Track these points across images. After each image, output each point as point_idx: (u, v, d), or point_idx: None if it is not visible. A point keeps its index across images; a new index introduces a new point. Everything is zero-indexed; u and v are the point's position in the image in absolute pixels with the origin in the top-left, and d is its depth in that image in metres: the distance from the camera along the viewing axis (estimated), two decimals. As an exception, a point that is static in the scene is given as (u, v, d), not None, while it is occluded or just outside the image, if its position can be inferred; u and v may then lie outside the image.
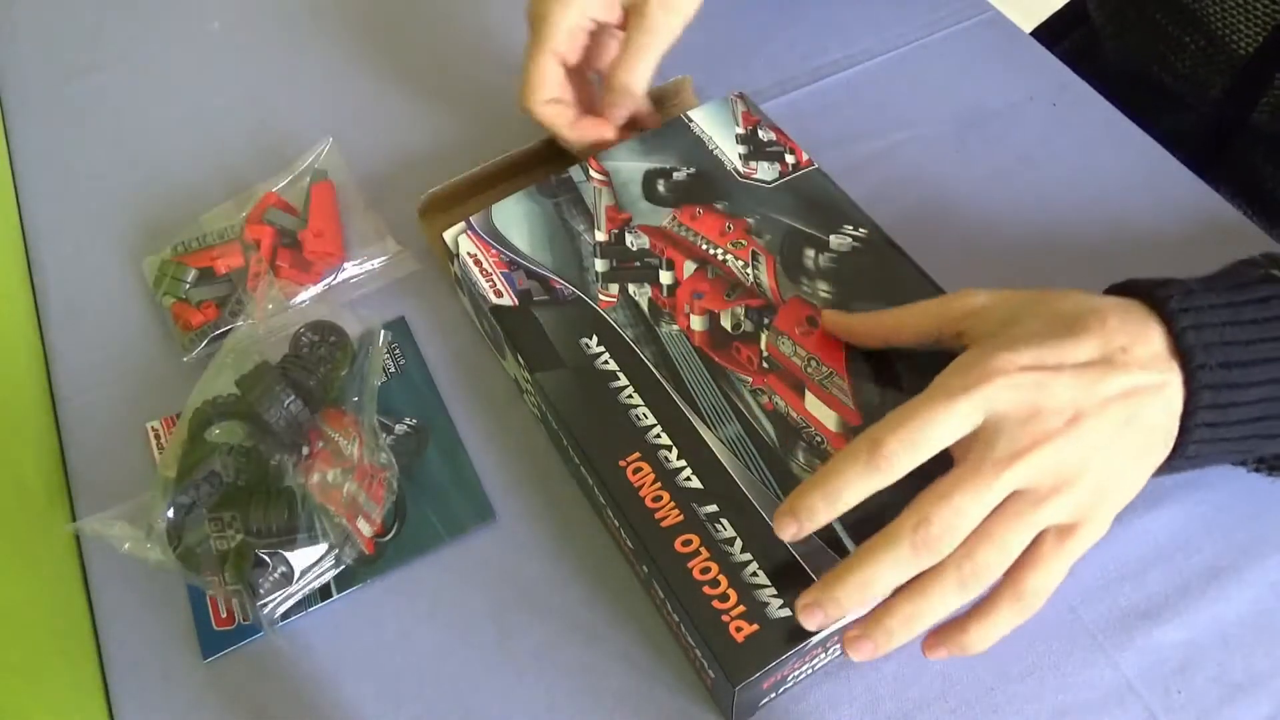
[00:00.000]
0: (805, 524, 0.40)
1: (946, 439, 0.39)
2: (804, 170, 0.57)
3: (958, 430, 0.39)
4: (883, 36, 0.72)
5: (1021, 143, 0.65)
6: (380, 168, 0.68)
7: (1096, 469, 0.39)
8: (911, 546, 0.38)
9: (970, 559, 0.38)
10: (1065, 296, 0.43)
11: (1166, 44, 0.66)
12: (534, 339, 0.51)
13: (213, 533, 0.49)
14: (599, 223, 0.56)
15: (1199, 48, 0.64)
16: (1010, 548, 0.39)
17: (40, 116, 0.75)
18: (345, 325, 0.57)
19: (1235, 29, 0.61)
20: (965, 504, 0.38)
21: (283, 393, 0.52)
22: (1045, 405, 0.39)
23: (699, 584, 0.43)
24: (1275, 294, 0.42)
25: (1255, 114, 0.64)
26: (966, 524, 0.38)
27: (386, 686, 0.48)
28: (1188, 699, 0.45)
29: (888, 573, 0.38)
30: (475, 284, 0.54)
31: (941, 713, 0.46)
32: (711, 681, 0.44)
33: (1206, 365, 0.40)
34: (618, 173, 0.57)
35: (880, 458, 0.38)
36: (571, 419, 0.49)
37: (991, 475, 0.38)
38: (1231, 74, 0.64)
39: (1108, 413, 0.39)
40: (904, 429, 0.38)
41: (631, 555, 0.48)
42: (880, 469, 0.38)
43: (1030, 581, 0.39)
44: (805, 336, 0.50)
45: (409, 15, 0.78)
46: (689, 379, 0.49)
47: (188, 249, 0.62)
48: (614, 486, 0.46)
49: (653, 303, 0.52)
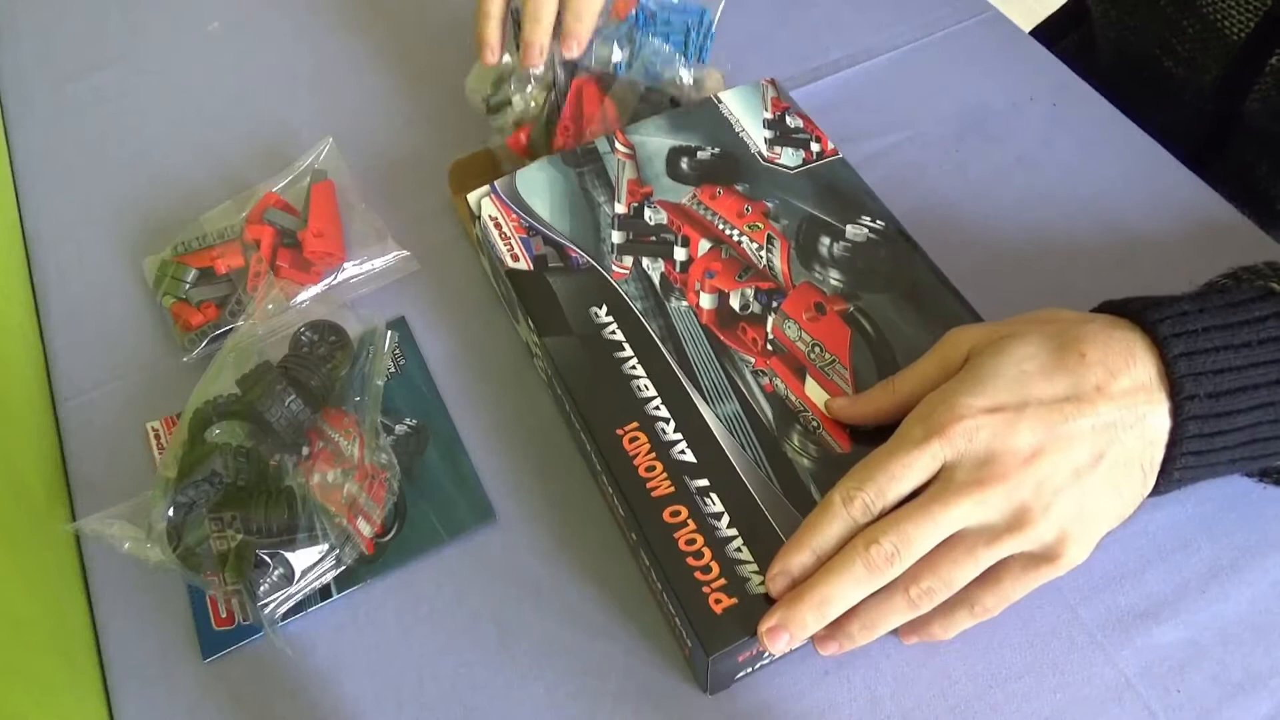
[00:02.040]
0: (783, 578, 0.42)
1: (910, 487, 0.41)
2: (828, 159, 0.57)
3: (921, 477, 0.41)
4: (883, 36, 0.72)
5: (1021, 143, 0.65)
6: (380, 168, 0.68)
7: (1059, 508, 0.39)
8: (865, 566, 0.40)
9: (916, 584, 0.41)
10: (1050, 320, 0.43)
11: (1166, 27, 0.67)
12: (545, 304, 0.52)
13: (213, 533, 0.49)
14: (619, 195, 0.56)
15: (1195, 32, 0.65)
16: (954, 581, 0.40)
17: (40, 116, 0.75)
18: (345, 325, 0.57)
19: (1228, 14, 0.62)
20: (912, 533, 0.39)
21: (283, 392, 0.52)
22: (1002, 448, 0.39)
23: (683, 554, 0.44)
24: (1270, 312, 0.41)
25: (1248, 103, 0.64)
26: (914, 551, 0.40)
27: (386, 686, 0.48)
28: (1187, 698, 0.45)
29: (844, 590, 0.40)
30: (494, 246, 0.55)
31: (941, 712, 0.46)
32: (689, 651, 0.45)
33: (1196, 396, 0.40)
34: (643, 146, 0.58)
35: (854, 508, 0.41)
36: (575, 385, 0.50)
37: (939, 511, 0.39)
38: (1226, 60, 0.64)
39: (1072, 451, 0.39)
40: (870, 484, 0.41)
41: (622, 523, 0.49)
42: (856, 518, 0.41)
43: (985, 599, 0.42)
44: (811, 322, 0.50)
45: (409, 15, 0.78)
46: (693, 355, 0.50)
47: (188, 249, 0.62)
48: (610, 454, 0.47)
49: (665, 277, 0.53)
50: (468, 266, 0.62)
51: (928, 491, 0.40)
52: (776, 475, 0.46)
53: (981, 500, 0.39)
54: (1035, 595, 0.48)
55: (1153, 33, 0.68)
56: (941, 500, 0.39)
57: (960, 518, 0.39)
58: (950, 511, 0.39)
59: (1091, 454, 0.40)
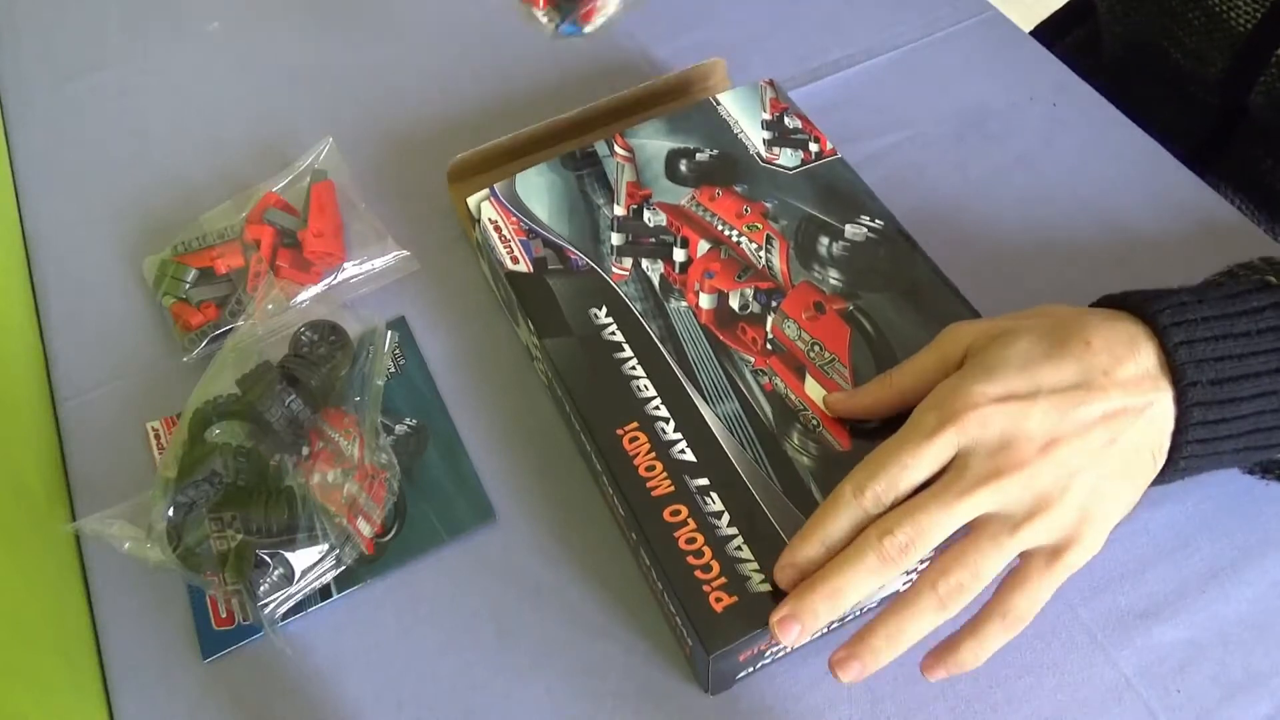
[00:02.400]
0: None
1: (923, 476, 0.40)
2: (827, 159, 0.57)
3: (933, 467, 0.40)
4: (883, 36, 0.72)
5: (1021, 143, 0.65)
6: (380, 168, 0.68)
7: (1077, 492, 0.39)
8: (878, 556, 0.39)
9: (945, 579, 0.39)
10: (1050, 314, 0.43)
11: (1172, 19, 0.66)
12: (545, 306, 0.53)
13: (213, 533, 0.49)
14: (619, 197, 0.57)
15: (1200, 24, 0.64)
16: (983, 572, 0.39)
17: (40, 116, 0.75)
18: (345, 325, 0.57)
19: (1233, 5, 0.62)
20: (926, 523, 0.39)
21: (283, 392, 0.52)
22: (1018, 434, 0.39)
23: (683, 553, 0.44)
24: (1269, 303, 0.41)
25: (1254, 95, 0.64)
26: (929, 541, 0.39)
27: (386, 686, 0.48)
28: (1187, 698, 0.45)
29: (857, 581, 0.39)
30: (494, 249, 0.55)
31: (941, 712, 0.46)
32: (690, 650, 0.45)
33: (1198, 383, 0.40)
34: (642, 149, 0.58)
35: (865, 499, 0.40)
36: (575, 386, 0.50)
37: (955, 499, 0.39)
38: (1231, 52, 0.64)
39: (1087, 437, 0.39)
40: (882, 474, 0.40)
41: (622, 523, 0.49)
42: (867, 509, 0.40)
43: (1017, 602, 0.40)
44: (811, 321, 0.51)
45: (410, 15, 0.78)
46: (692, 355, 0.50)
47: (188, 249, 0.62)
48: (610, 454, 0.47)
49: (664, 278, 0.53)
50: (468, 266, 0.62)
51: (941, 481, 0.40)
52: (776, 474, 0.46)
53: (1000, 488, 0.39)
54: (1035, 595, 0.48)
55: (1158, 25, 0.68)
56: (957, 489, 0.39)
57: (977, 506, 0.39)
58: (967, 500, 0.39)
59: (1105, 439, 0.39)
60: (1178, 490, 0.50)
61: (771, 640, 0.43)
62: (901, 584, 0.47)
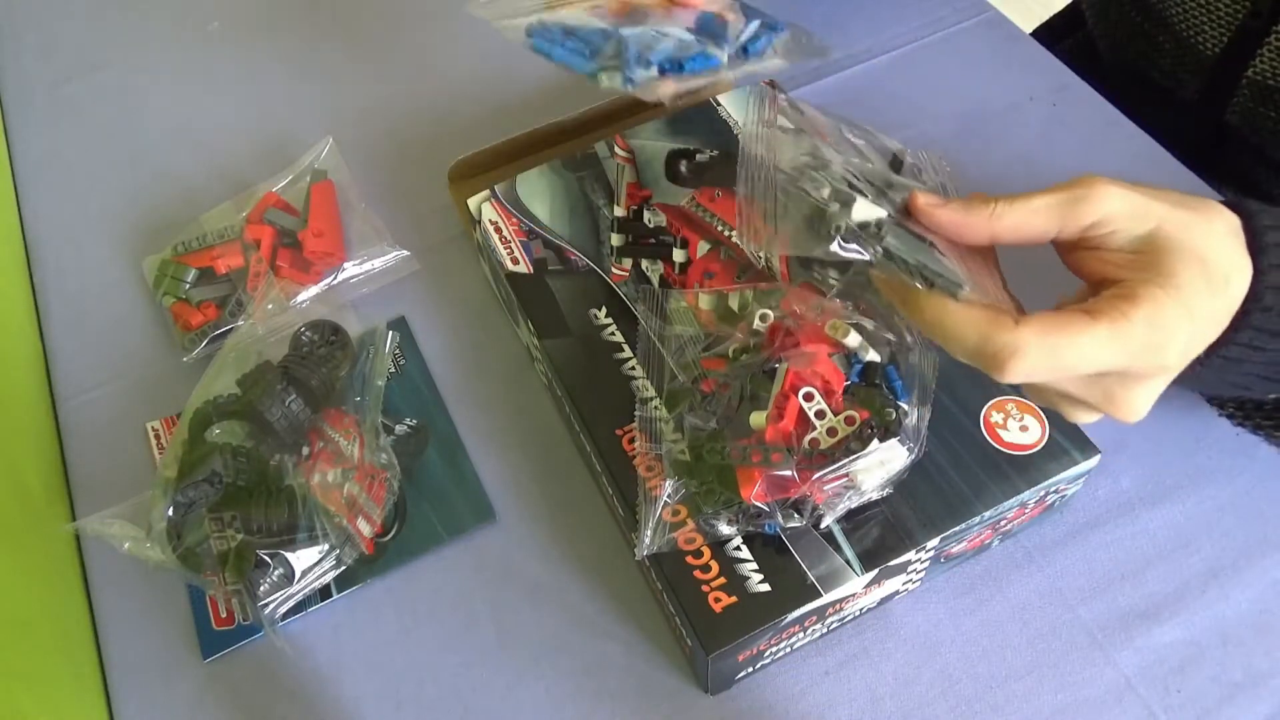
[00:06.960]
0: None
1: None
2: None
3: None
4: (882, 37, 0.72)
5: (1021, 142, 0.65)
6: (380, 168, 0.68)
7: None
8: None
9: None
10: (1204, 236, 0.39)
11: (1146, 42, 0.67)
12: (545, 307, 0.53)
13: (213, 533, 0.49)
14: (619, 198, 0.57)
15: (1171, 48, 0.64)
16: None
17: (40, 116, 0.75)
18: (346, 325, 0.57)
19: (1200, 30, 0.62)
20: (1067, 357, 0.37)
21: (284, 391, 0.52)
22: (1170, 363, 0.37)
23: (683, 553, 0.44)
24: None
25: (1228, 116, 0.64)
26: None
27: (386, 686, 0.48)
28: (1187, 698, 0.45)
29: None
30: (494, 250, 0.55)
31: (941, 712, 0.46)
32: (689, 650, 0.45)
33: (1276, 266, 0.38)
34: (642, 151, 0.58)
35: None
36: (574, 386, 0.50)
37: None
38: (1203, 74, 0.64)
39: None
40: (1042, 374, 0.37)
41: (622, 523, 0.49)
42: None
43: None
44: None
45: (410, 15, 0.78)
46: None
47: (188, 249, 0.62)
48: (609, 454, 0.47)
49: (664, 279, 0.53)
50: (468, 266, 0.62)
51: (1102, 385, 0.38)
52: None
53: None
54: (1035, 595, 0.48)
55: (1135, 47, 0.68)
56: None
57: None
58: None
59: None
60: (1179, 490, 0.50)
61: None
62: (901, 583, 0.47)
